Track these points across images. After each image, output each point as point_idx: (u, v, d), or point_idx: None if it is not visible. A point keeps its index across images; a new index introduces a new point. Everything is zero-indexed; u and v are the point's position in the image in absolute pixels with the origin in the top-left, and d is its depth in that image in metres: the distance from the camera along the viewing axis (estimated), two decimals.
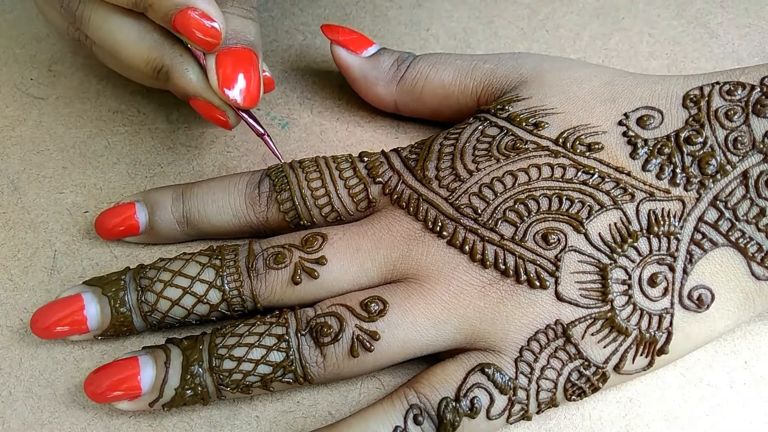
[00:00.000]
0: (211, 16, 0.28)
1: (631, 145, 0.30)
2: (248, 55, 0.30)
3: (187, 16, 0.28)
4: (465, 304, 0.28)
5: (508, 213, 0.29)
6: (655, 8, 0.41)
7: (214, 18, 0.28)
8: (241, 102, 0.29)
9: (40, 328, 0.29)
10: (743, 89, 0.30)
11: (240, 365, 0.28)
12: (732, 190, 0.28)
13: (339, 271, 0.30)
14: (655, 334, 0.28)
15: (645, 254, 0.28)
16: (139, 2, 0.28)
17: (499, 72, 0.34)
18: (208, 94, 0.30)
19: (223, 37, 0.28)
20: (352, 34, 0.36)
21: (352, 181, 0.32)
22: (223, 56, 0.29)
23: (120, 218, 0.32)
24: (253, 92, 0.30)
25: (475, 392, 0.27)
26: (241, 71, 0.29)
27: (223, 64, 0.29)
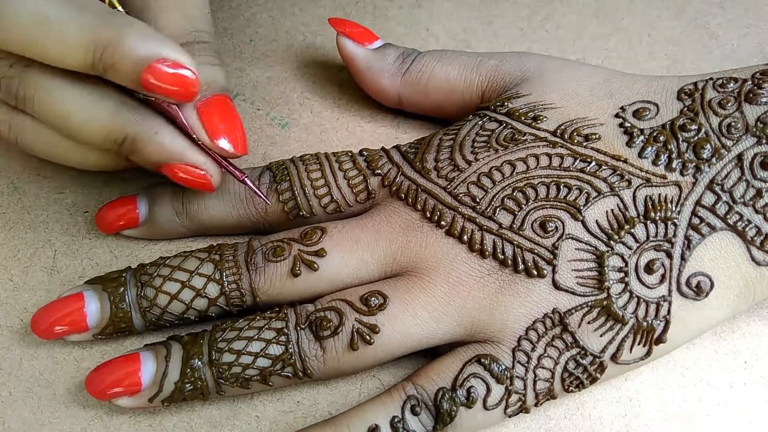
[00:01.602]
0: (183, 64, 0.25)
1: (627, 135, 0.30)
2: (225, 102, 0.29)
3: (156, 70, 0.25)
4: (464, 295, 0.29)
5: (506, 201, 0.29)
6: (654, 9, 0.41)
7: (186, 65, 0.25)
8: (232, 150, 0.28)
9: (41, 329, 0.29)
10: (735, 83, 0.30)
11: (239, 358, 0.28)
12: (728, 173, 0.28)
13: (338, 263, 0.30)
14: (652, 323, 0.28)
15: (642, 241, 0.28)
16: (97, 64, 0.25)
17: (504, 68, 0.34)
18: (188, 154, 0.28)
19: (200, 84, 0.26)
20: (359, 27, 0.36)
21: (351, 172, 0.32)
22: (206, 107, 0.28)
23: (121, 211, 0.32)
24: (241, 137, 0.29)
25: (471, 382, 0.27)
26: (224, 119, 0.28)
27: (208, 114, 0.28)
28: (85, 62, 0.25)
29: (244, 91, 0.38)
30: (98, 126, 0.27)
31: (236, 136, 0.29)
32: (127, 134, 0.27)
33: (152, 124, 0.27)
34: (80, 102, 0.26)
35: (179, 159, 0.28)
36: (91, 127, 0.27)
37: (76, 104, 0.26)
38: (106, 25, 0.24)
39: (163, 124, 0.28)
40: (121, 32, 0.24)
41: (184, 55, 0.25)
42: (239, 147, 0.29)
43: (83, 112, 0.27)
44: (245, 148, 0.29)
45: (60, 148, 0.29)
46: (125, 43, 0.24)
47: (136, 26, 0.25)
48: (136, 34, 0.25)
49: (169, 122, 0.28)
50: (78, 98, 0.26)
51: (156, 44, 0.25)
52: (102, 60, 0.25)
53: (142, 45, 0.24)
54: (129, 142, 0.27)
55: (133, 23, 0.25)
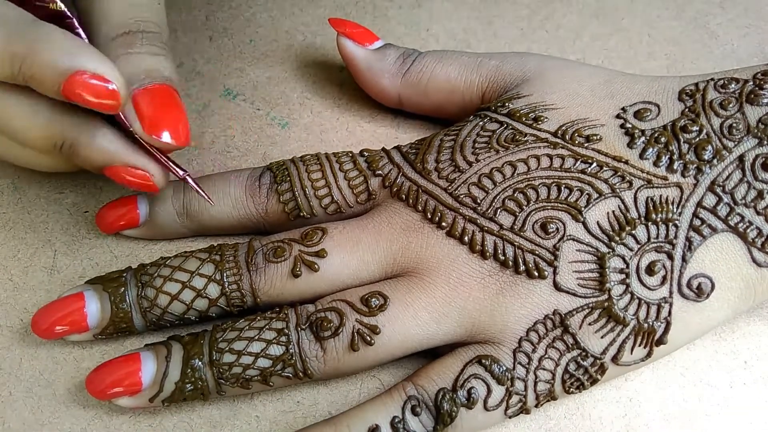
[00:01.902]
0: (104, 76, 0.24)
1: (628, 136, 0.30)
2: (167, 91, 0.28)
3: (77, 81, 0.24)
4: (465, 296, 0.29)
5: (507, 202, 0.29)
6: (654, 9, 0.41)
7: (108, 78, 0.24)
8: (173, 143, 0.27)
9: (41, 328, 0.29)
10: (737, 83, 0.30)
11: (240, 358, 0.28)
12: (729, 174, 0.28)
13: (339, 264, 0.30)
14: (653, 324, 0.28)
15: (643, 242, 0.28)
16: (17, 75, 0.24)
17: (504, 69, 0.34)
18: (127, 156, 0.27)
19: (123, 96, 0.25)
20: (359, 27, 0.36)
21: (352, 173, 0.32)
22: (141, 97, 0.27)
23: (122, 211, 0.32)
24: (184, 129, 0.28)
25: (472, 383, 0.27)
26: (164, 109, 0.27)
27: (144, 104, 0.27)
28: (6, 74, 0.25)
29: (244, 91, 0.38)
30: (38, 131, 0.27)
31: (177, 127, 0.27)
32: (65, 138, 0.27)
33: (89, 127, 0.27)
34: (17, 109, 0.26)
35: (119, 161, 0.28)
36: (31, 132, 0.27)
37: (15, 111, 0.26)
38: (21, 39, 0.24)
39: (101, 127, 0.27)
40: (36, 46, 0.24)
41: (105, 65, 0.25)
42: (180, 138, 0.27)
43: (22, 118, 0.26)
44: (187, 139, 0.28)
45: (13, 152, 0.29)
46: (42, 56, 0.24)
47: (53, 38, 0.24)
48: (52, 46, 0.24)
49: (108, 123, 0.27)
50: (15, 105, 0.26)
51: (75, 56, 0.24)
52: (21, 72, 0.24)
53: (59, 57, 0.24)
54: (68, 147, 0.27)
55: (51, 35, 0.24)
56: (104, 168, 0.28)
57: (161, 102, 0.27)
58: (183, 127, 0.28)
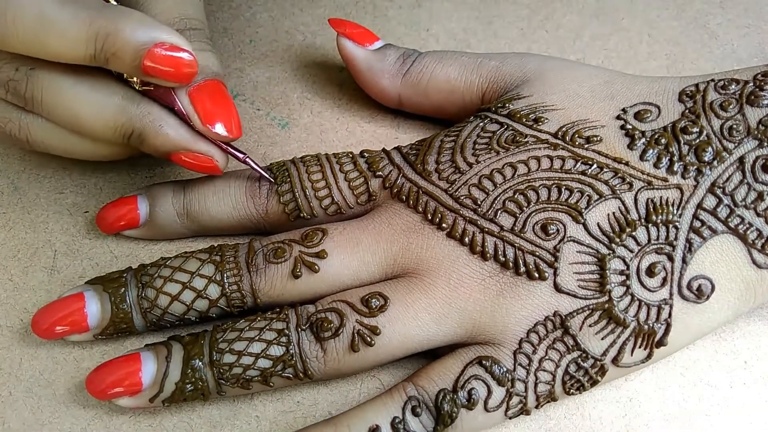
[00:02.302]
0: (180, 46, 0.27)
1: (628, 137, 0.30)
2: (218, 86, 0.29)
3: (155, 55, 0.26)
4: (465, 297, 0.29)
5: (507, 203, 0.29)
6: (654, 9, 0.41)
7: (184, 48, 0.27)
8: (226, 135, 0.29)
9: (41, 329, 0.29)
10: (737, 84, 0.30)
11: (240, 359, 0.28)
12: (729, 176, 0.28)
13: (339, 265, 0.30)
14: (653, 326, 0.28)
15: (643, 244, 0.28)
16: (99, 54, 0.26)
17: (505, 69, 0.34)
18: (192, 144, 0.29)
19: (198, 65, 0.27)
20: (359, 27, 0.36)
21: (352, 174, 0.32)
22: (197, 93, 0.28)
23: (122, 211, 0.32)
24: (236, 120, 0.29)
25: (472, 384, 0.27)
26: (217, 104, 0.29)
27: (200, 100, 0.28)
28: (87, 54, 0.26)
29: (244, 91, 0.38)
30: (106, 122, 0.28)
31: (230, 120, 0.29)
32: (134, 128, 0.28)
33: (157, 116, 0.28)
34: (87, 100, 0.28)
35: (185, 148, 0.29)
36: (100, 123, 0.28)
37: (84, 102, 0.28)
38: (104, 17, 0.25)
39: (167, 116, 0.29)
40: (118, 22, 0.25)
41: (180, 38, 0.26)
42: (233, 131, 0.29)
43: (91, 109, 0.28)
44: (239, 131, 0.29)
45: (70, 144, 0.30)
46: (124, 32, 0.25)
47: (132, 15, 0.26)
48: (132, 22, 0.26)
49: (171, 113, 0.29)
50: (85, 96, 0.28)
51: (152, 30, 0.26)
52: (104, 50, 0.26)
53: (139, 32, 0.26)
54: (136, 136, 0.29)
55: (129, 13, 0.26)
56: (170, 155, 0.29)
57: (214, 97, 0.29)
58: (235, 119, 0.29)
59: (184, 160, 0.30)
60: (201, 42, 0.30)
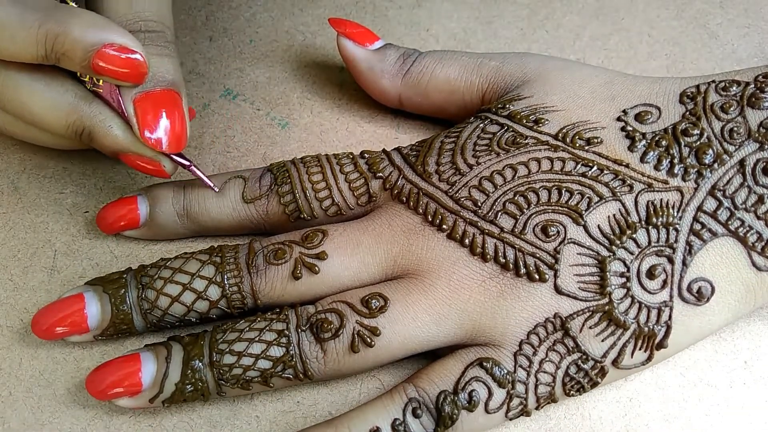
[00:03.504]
0: (130, 47, 0.27)
1: (629, 139, 0.30)
2: (169, 96, 0.29)
3: (105, 55, 0.26)
4: (465, 298, 0.29)
5: (507, 205, 0.29)
6: (654, 9, 0.41)
7: (133, 49, 0.27)
8: (165, 146, 0.29)
9: (41, 329, 0.29)
10: (738, 86, 0.30)
11: (240, 360, 0.28)
12: (730, 178, 0.28)
13: (339, 266, 0.30)
14: (653, 328, 0.28)
15: (644, 246, 0.28)
16: (50, 54, 0.26)
17: (505, 70, 0.34)
18: (138, 147, 0.29)
19: (148, 65, 0.27)
20: (359, 27, 0.36)
21: (352, 175, 0.32)
22: (141, 101, 0.28)
23: (122, 212, 0.32)
24: (179, 133, 0.29)
25: (473, 385, 0.27)
26: (163, 113, 0.29)
27: (143, 109, 0.28)
28: (38, 55, 0.26)
29: (244, 91, 0.38)
30: (59, 119, 0.29)
31: (173, 131, 0.29)
32: (84, 126, 0.29)
33: (107, 117, 0.29)
34: (42, 97, 0.28)
35: (131, 150, 0.29)
36: (53, 119, 0.29)
37: (38, 99, 0.28)
38: (53, 19, 0.26)
39: (116, 118, 0.29)
40: (67, 23, 0.26)
41: (131, 39, 0.27)
42: (171, 144, 0.29)
43: (45, 106, 0.28)
44: (179, 145, 0.29)
45: (32, 134, 0.31)
46: (72, 33, 0.26)
47: (81, 16, 0.26)
48: (82, 23, 0.26)
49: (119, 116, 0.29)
50: (39, 93, 0.28)
51: (102, 31, 0.26)
52: (54, 51, 0.26)
53: (88, 33, 0.26)
54: (87, 134, 0.29)
55: (79, 13, 0.26)
56: (119, 155, 0.30)
57: (158, 107, 0.29)
58: (177, 132, 0.29)
59: (132, 161, 0.30)
60: (158, 46, 0.29)
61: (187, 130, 0.29)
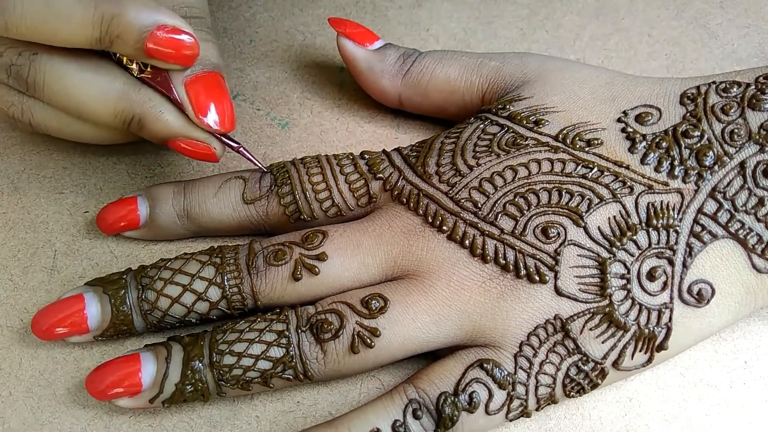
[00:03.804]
0: (182, 29, 0.27)
1: (629, 140, 0.30)
2: (216, 79, 0.30)
3: (157, 37, 0.27)
4: (465, 299, 0.29)
5: (508, 207, 0.29)
6: (654, 9, 0.41)
7: (185, 30, 0.27)
8: (218, 127, 0.29)
9: (41, 330, 0.29)
10: (739, 87, 0.30)
11: (240, 360, 0.28)
12: (730, 180, 0.28)
13: (339, 267, 0.30)
14: (654, 330, 0.28)
15: (644, 248, 0.28)
16: (104, 37, 0.27)
17: (505, 70, 0.34)
18: (190, 131, 0.30)
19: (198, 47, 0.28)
20: (359, 27, 0.36)
21: (353, 176, 0.32)
22: (192, 84, 0.29)
23: (122, 212, 0.32)
24: (229, 114, 0.30)
25: (473, 387, 0.27)
26: (212, 95, 0.29)
27: (194, 91, 0.29)
28: (92, 38, 0.26)
29: (244, 91, 0.38)
30: (108, 107, 0.29)
31: (223, 113, 0.29)
32: (135, 114, 0.29)
33: (157, 103, 0.29)
34: (90, 85, 0.28)
35: (183, 135, 0.30)
36: (102, 108, 0.29)
37: (86, 88, 0.28)
38: (107, 1, 0.26)
39: (166, 103, 0.29)
40: (122, 5, 0.26)
41: (181, 21, 0.27)
42: (225, 124, 0.29)
43: (93, 94, 0.28)
44: (232, 124, 0.30)
45: (72, 128, 0.31)
46: (128, 15, 0.26)
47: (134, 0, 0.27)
48: (136, 5, 0.26)
49: (169, 101, 0.29)
50: (87, 82, 0.28)
51: (155, 13, 0.27)
52: (108, 33, 0.26)
53: (142, 15, 0.26)
54: (137, 121, 0.29)
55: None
56: (168, 141, 0.30)
57: (209, 89, 0.29)
58: (228, 112, 0.30)
59: (182, 147, 0.30)
60: (202, 31, 0.30)
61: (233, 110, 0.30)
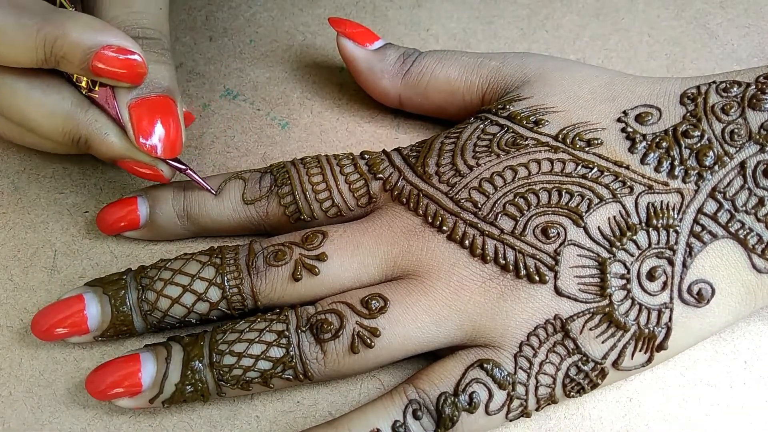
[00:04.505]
0: (128, 49, 0.27)
1: (629, 140, 0.30)
2: (164, 102, 0.29)
3: (104, 56, 0.27)
4: (465, 299, 0.28)
5: (507, 207, 0.29)
6: (654, 9, 0.41)
7: (132, 50, 0.27)
8: (160, 152, 0.29)
9: (41, 330, 0.29)
10: (739, 87, 0.30)
11: (240, 360, 0.28)
12: (730, 180, 0.28)
13: (339, 267, 0.30)
14: (654, 330, 0.28)
15: (644, 248, 0.28)
16: (49, 57, 0.27)
17: (505, 70, 0.34)
18: (134, 153, 0.30)
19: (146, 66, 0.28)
20: (359, 27, 0.36)
21: (353, 176, 0.32)
22: (136, 107, 0.29)
23: (122, 212, 0.32)
24: (173, 140, 0.29)
25: (473, 387, 0.27)
26: (158, 120, 0.29)
27: (137, 114, 0.29)
28: (38, 59, 0.27)
29: (244, 91, 0.38)
30: (56, 126, 0.29)
31: (167, 138, 0.29)
32: (81, 134, 0.29)
33: (103, 124, 0.29)
34: (39, 104, 0.29)
35: (128, 157, 0.30)
36: (50, 126, 0.29)
37: (35, 106, 0.29)
38: (50, 23, 0.26)
39: (111, 125, 0.29)
40: (65, 27, 0.26)
41: (128, 40, 0.27)
42: (167, 150, 0.29)
43: (42, 113, 0.29)
44: (174, 151, 0.29)
45: (31, 139, 0.31)
46: (71, 36, 0.26)
47: (79, 19, 0.27)
48: (79, 26, 0.26)
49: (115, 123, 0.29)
50: (36, 100, 0.29)
51: (100, 33, 0.27)
52: (53, 54, 0.27)
53: (86, 35, 0.26)
54: (83, 141, 0.30)
55: (77, 17, 0.27)
56: (116, 161, 0.30)
57: (155, 112, 0.29)
58: (173, 138, 0.29)
59: (129, 167, 0.30)
60: (155, 53, 0.30)
61: (182, 136, 0.30)
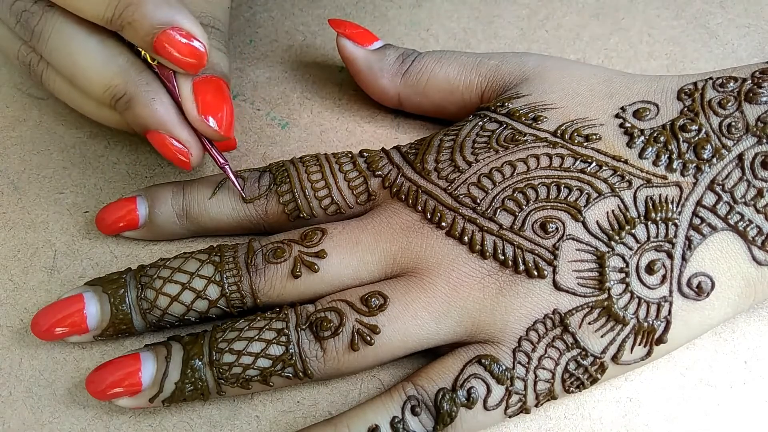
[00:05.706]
0: (196, 36, 0.27)
1: (627, 135, 0.30)
2: (222, 85, 0.30)
3: (170, 36, 0.26)
4: (465, 296, 0.28)
5: (506, 202, 0.29)
6: (654, 8, 0.41)
7: (199, 38, 0.27)
8: (217, 129, 0.29)
9: (41, 330, 0.29)
10: (735, 82, 0.30)
11: (240, 358, 0.28)
12: (729, 173, 0.28)
13: (339, 264, 0.30)
14: (653, 323, 0.28)
15: (643, 241, 0.28)
16: (116, 19, 0.26)
17: (504, 69, 0.34)
18: (175, 127, 0.29)
19: (207, 59, 0.28)
20: (358, 28, 0.36)
21: (351, 174, 0.32)
22: (201, 84, 0.29)
23: (121, 212, 0.32)
24: (229, 120, 0.29)
25: (471, 383, 0.27)
26: (217, 99, 0.29)
27: (202, 91, 0.29)
28: (104, 16, 0.26)
29: (244, 91, 0.38)
30: (103, 78, 0.28)
31: (223, 118, 0.29)
32: (127, 92, 0.28)
33: (153, 89, 0.29)
34: (92, 52, 0.28)
35: (167, 130, 0.29)
36: (96, 77, 0.28)
37: (88, 54, 0.28)
38: None
39: (162, 93, 0.29)
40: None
41: (198, 28, 0.27)
42: (224, 128, 0.29)
43: (92, 60, 0.28)
44: (230, 130, 0.30)
45: (72, 96, 0.30)
46: (146, 6, 0.26)
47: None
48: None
49: (167, 92, 0.29)
50: (91, 48, 0.28)
51: (174, 12, 0.26)
52: (121, 17, 0.26)
53: (160, 10, 0.26)
54: (125, 100, 0.29)
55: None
56: (149, 131, 0.29)
57: (214, 92, 0.29)
58: (228, 119, 0.29)
59: (161, 141, 0.29)
60: (219, 42, 0.31)
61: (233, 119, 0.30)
